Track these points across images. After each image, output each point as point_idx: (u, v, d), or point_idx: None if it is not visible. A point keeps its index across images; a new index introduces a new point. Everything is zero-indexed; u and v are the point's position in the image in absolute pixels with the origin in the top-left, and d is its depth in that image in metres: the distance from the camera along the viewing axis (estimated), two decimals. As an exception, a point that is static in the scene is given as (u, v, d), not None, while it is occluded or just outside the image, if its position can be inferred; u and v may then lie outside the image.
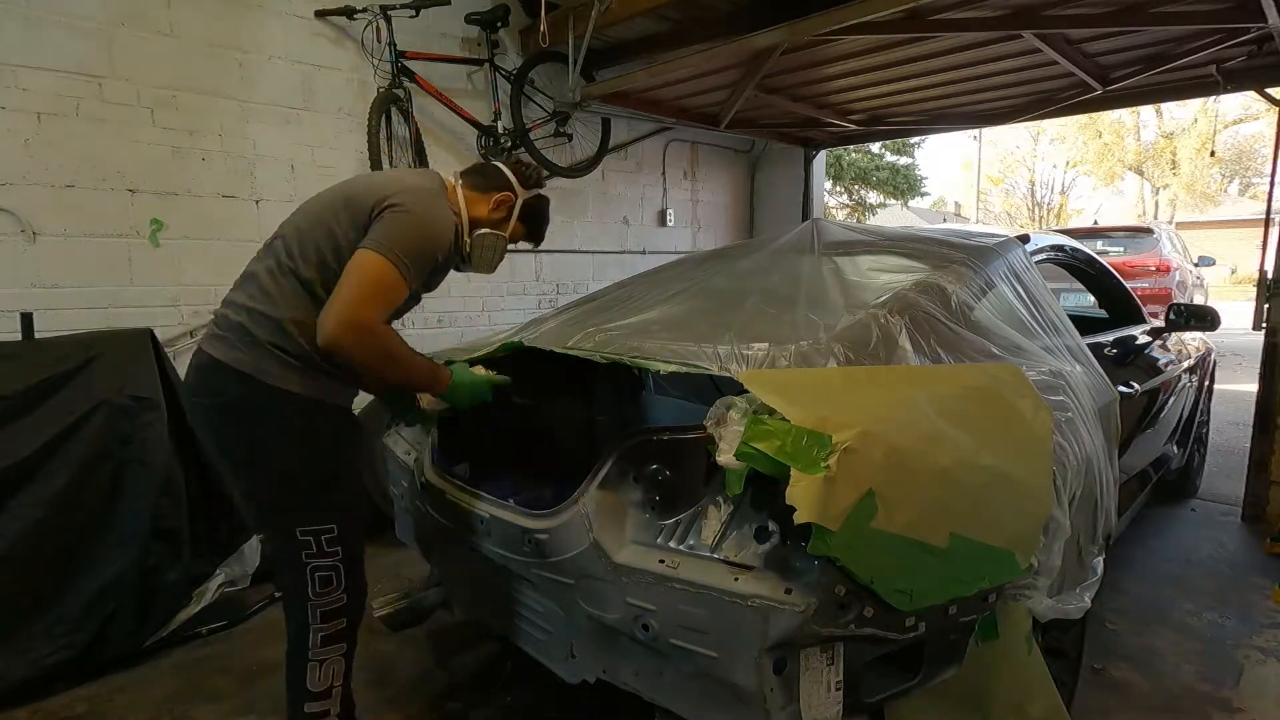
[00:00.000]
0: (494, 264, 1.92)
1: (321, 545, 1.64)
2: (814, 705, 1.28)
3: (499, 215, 1.86)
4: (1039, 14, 3.09)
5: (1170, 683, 2.30)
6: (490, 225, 1.85)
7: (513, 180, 1.88)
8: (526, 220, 1.93)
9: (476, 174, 1.90)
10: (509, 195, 1.86)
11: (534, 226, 1.98)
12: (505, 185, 1.87)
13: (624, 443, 1.51)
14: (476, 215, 1.84)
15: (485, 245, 1.86)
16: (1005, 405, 1.57)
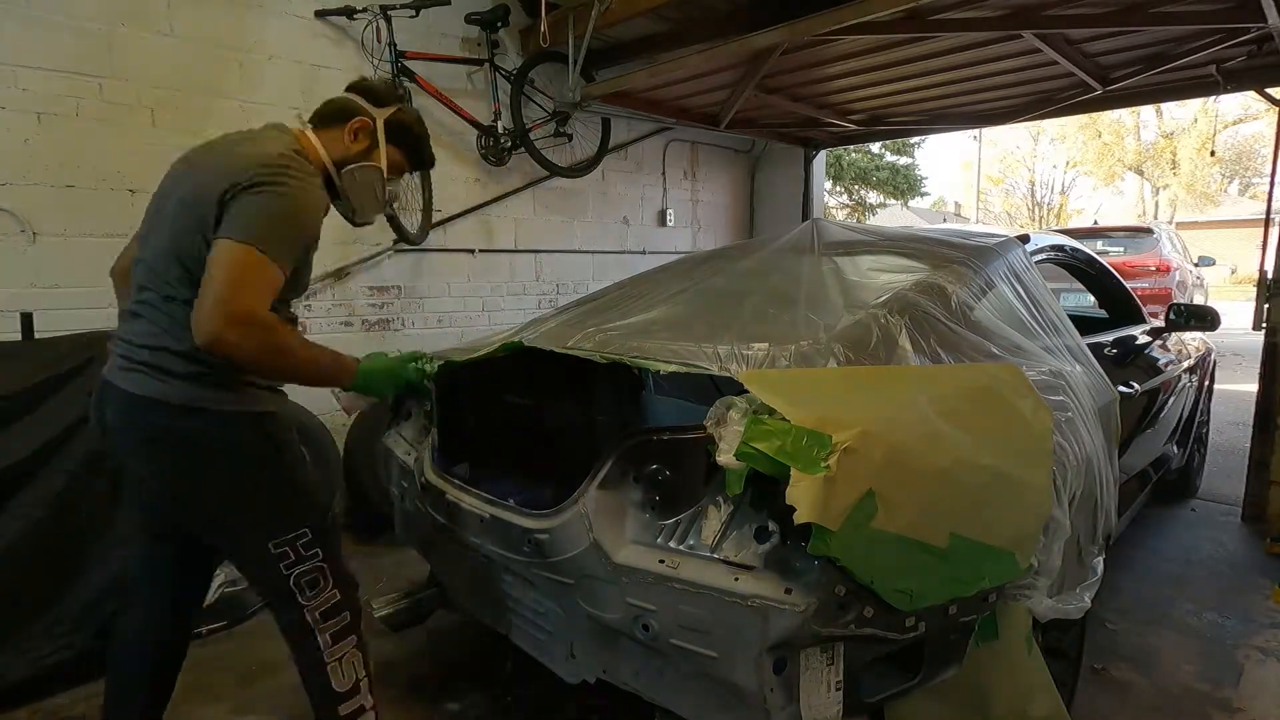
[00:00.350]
0: (379, 202, 1.75)
1: (299, 551, 1.59)
2: (814, 705, 1.28)
3: (362, 145, 1.68)
4: (1039, 14, 3.10)
5: (1170, 683, 2.30)
6: (356, 160, 1.68)
7: (363, 103, 1.70)
8: (398, 141, 1.73)
9: (323, 111, 1.72)
10: (364, 120, 1.68)
11: (410, 146, 1.77)
12: (357, 110, 1.69)
13: (624, 443, 1.51)
14: (339, 155, 1.67)
15: (357, 183, 1.69)
16: (1005, 405, 1.57)
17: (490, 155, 4.07)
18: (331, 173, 1.66)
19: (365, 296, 3.76)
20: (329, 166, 1.65)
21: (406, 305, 3.93)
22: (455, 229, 4.11)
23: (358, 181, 1.69)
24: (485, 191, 4.24)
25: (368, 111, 1.70)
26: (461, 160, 4.11)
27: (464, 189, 4.15)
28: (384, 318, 3.84)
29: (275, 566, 1.57)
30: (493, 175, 4.25)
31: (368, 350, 3.93)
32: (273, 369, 1.49)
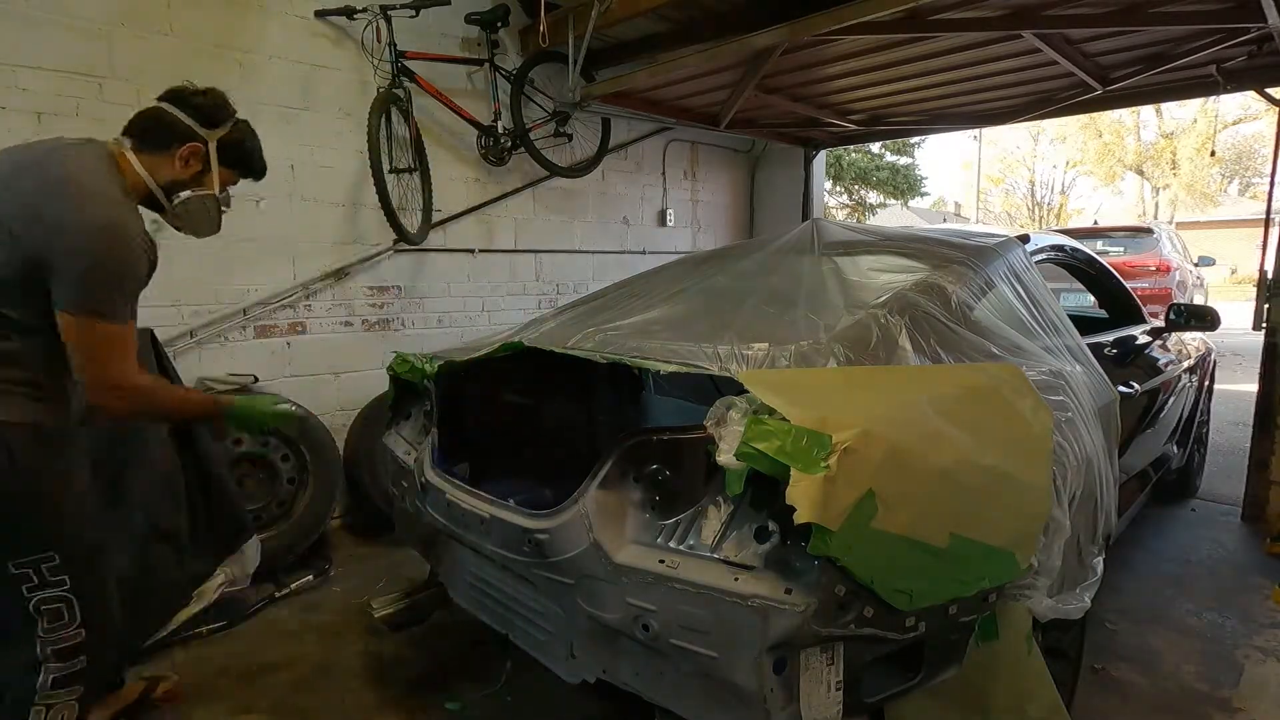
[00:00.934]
0: (215, 224, 1.73)
1: (43, 575, 1.49)
2: (814, 705, 1.28)
3: (194, 169, 1.64)
4: (1039, 14, 3.09)
5: (1170, 683, 2.30)
6: (190, 185, 1.63)
7: (193, 125, 1.63)
8: (231, 162, 1.71)
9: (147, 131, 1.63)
10: (196, 145, 1.63)
11: (245, 163, 1.75)
12: (187, 134, 1.63)
13: (624, 443, 1.51)
14: (166, 180, 1.61)
15: (193, 211, 1.66)
16: (1005, 405, 1.57)
17: (490, 155, 4.07)
18: (159, 197, 1.63)
19: (365, 296, 3.75)
20: (155, 191, 1.61)
21: (406, 305, 3.93)
22: (455, 229, 4.11)
23: (191, 210, 1.67)
24: (485, 191, 4.24)
25: (198, 135, 1.64)
26: (461, 160, 4.11)
27: (464, 189, 4.15)
28: (384, 318, 3.84)
29: (16, 588, 1.49)
30: (493, 175, 4.25)
31: (367, 350, 3.96)
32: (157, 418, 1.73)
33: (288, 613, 2.80)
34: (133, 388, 1.52)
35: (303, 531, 3.18)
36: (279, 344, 3.46)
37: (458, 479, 1.96)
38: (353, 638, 2.60)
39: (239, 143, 1.73)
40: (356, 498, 3.62)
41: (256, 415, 1.83)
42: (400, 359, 2.35)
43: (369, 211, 3.64)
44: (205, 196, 1.67)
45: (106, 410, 1.50)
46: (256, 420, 1.84)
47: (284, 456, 3.20)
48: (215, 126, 1.67)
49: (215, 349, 3.27)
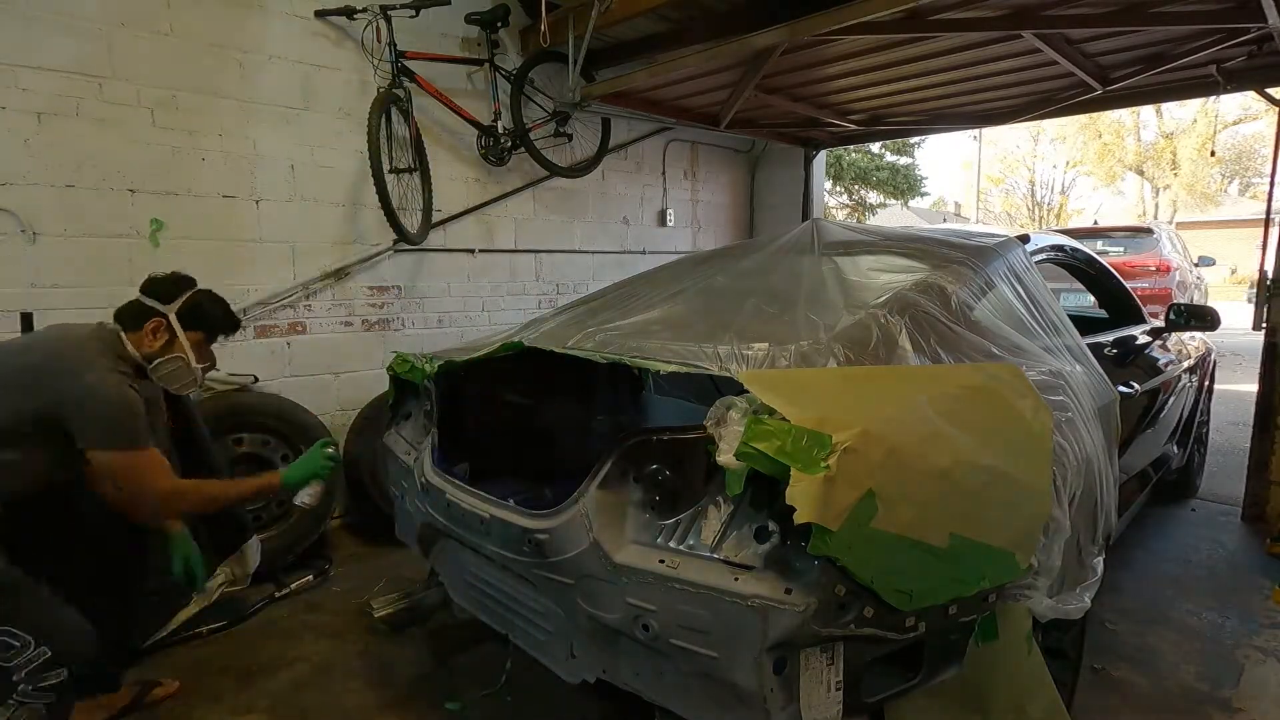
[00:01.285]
0: (192, 380, 2.04)
1: None
2: (814, 705, 1.28)
3: (162, 340, 1.97)
4: (1039, 14, 3.09)
5: (1170, 683, 2.30)
6: (161, 354, 1.96)
7: (153, 304, 1.98)
8: (197, 324, 2.03)
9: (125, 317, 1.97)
10: (159, 320, 1.97)
11: (210, 323, 2.07)
12: (149, 312, 1.97)
13: (624, 443, 1.51)
14: (146, 352, 1.95)
15: (166, 374, 1.98)
16: (1005, 405, 1.57)
17: (490, 155, 4.07)
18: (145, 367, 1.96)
19: (365, 296, 3.75)
20: (140, 362, 1.95)
21: (406, 305, 3.93)
22: (455, 229, 4.11)
23: (166, 373, 1.99)
24: (485, 191, 4.24)
25: (158, 310, 1.98)
26: (461, 160, 4.11)
27: (464, 189, 4.15)
28: (384, 317, 3.84)
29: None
30: (493, 175, 4.25)
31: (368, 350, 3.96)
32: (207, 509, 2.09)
33: (288, 613, 2.80)
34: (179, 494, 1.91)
35: (303, 531, 3.17)
36: (279, 344, 3.46)
37: (458, 479, 1.96)
38: (353, 638, 2.60)
39: (200, 306, 2.04)
40: (356, 498, 3.62)
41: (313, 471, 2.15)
42: (400, 359, 2.35)
43: (369, 211, 3.64)
44: (173, 359, 1.99)
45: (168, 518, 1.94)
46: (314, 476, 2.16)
47: (284, 456, 3.19)
48: (171, 301, 2.00)
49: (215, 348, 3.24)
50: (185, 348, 2.00)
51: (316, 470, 2.15)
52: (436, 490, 1.96)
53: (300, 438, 3.21)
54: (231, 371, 3.25)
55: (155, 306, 1.98)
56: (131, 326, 1.96)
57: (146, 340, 1.95)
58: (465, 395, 2.39)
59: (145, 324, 1.95)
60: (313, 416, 3.33)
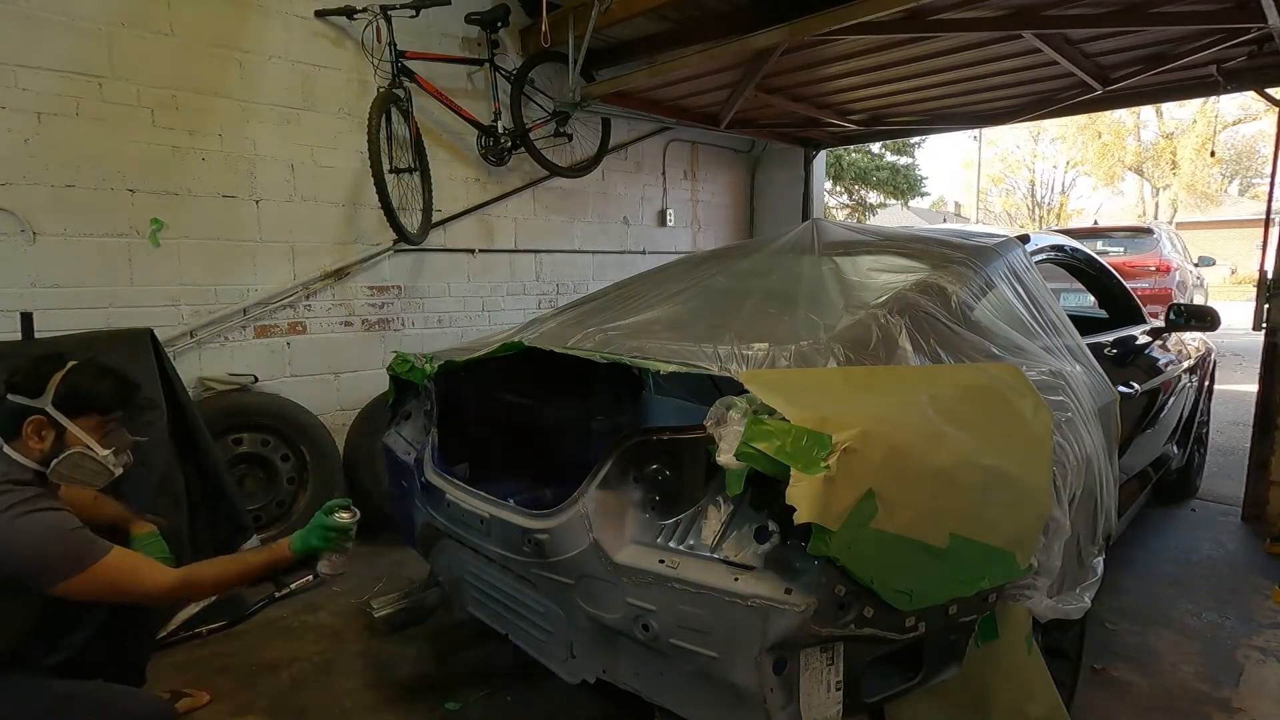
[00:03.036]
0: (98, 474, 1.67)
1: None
2: (814, 705, 1.28)
3: (50, 438, 1.60)
4: (1039, 14, 3.09)
5: (1170, 683, 2.30)
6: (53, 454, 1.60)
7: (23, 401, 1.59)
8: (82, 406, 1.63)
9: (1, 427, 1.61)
10: (38, 418, 1.59)
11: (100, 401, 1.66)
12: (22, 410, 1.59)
13: (624, 443, 1.51)
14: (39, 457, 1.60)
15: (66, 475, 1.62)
16: (1005, 405, 1.57)
17: (490, 155, 4.07)
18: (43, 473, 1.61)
19: (365, 296, 3.75)
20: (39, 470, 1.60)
21: (406, 305, 3.93)
22: (455, 229, 4.11)
23: (65, 474, 1.62)
24: (485, 191, 4.24)
25: (31, 407, 1.60)
26: (461, 160, 4.11)
27: (464, 189, 4.15)
28: (384, 317, 3.84)
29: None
30: (493, 175, 4.25)
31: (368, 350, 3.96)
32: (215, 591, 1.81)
33: (288, 613, 2.80)
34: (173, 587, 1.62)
35: (303, 531, 3.17)
36: (279, 344, 3.46)
37: (458, 479, 1.96)
38: (353, 638, 2.60)
39: (74, 391, 1.64)
40: (356, 498, 3.61)
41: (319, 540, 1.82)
42: (400, 359, 2.35)
43: (369, 211, 3.64)
44: (71, 456, 1.62)
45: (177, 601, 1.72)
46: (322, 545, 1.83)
47: (284, 456, 3.20)
48: (40, 392, 1.61)
49: (215, 349, 3.27)
50: (81, 438, 1.62)
51: (315, 544, 1.82)
52: (436, 490, 1.96)
53: (300, 438, 3.22)
54: (231, 372, 3.25)
55: (24, 403, 1.59)
56: (10, 433, 1.60)
57: (32, 444, 1.58)
58: (465, 395, 2.39)
59: (23, 426, 1.58)
60: (313, 416, 3.33)
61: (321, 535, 1.81)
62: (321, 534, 1.81)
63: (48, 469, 1.61)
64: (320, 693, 2.27)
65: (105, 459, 1.66)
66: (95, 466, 1.66)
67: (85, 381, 1.66)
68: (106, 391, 1.69)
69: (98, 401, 1.67)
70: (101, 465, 1.66)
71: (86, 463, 1.64)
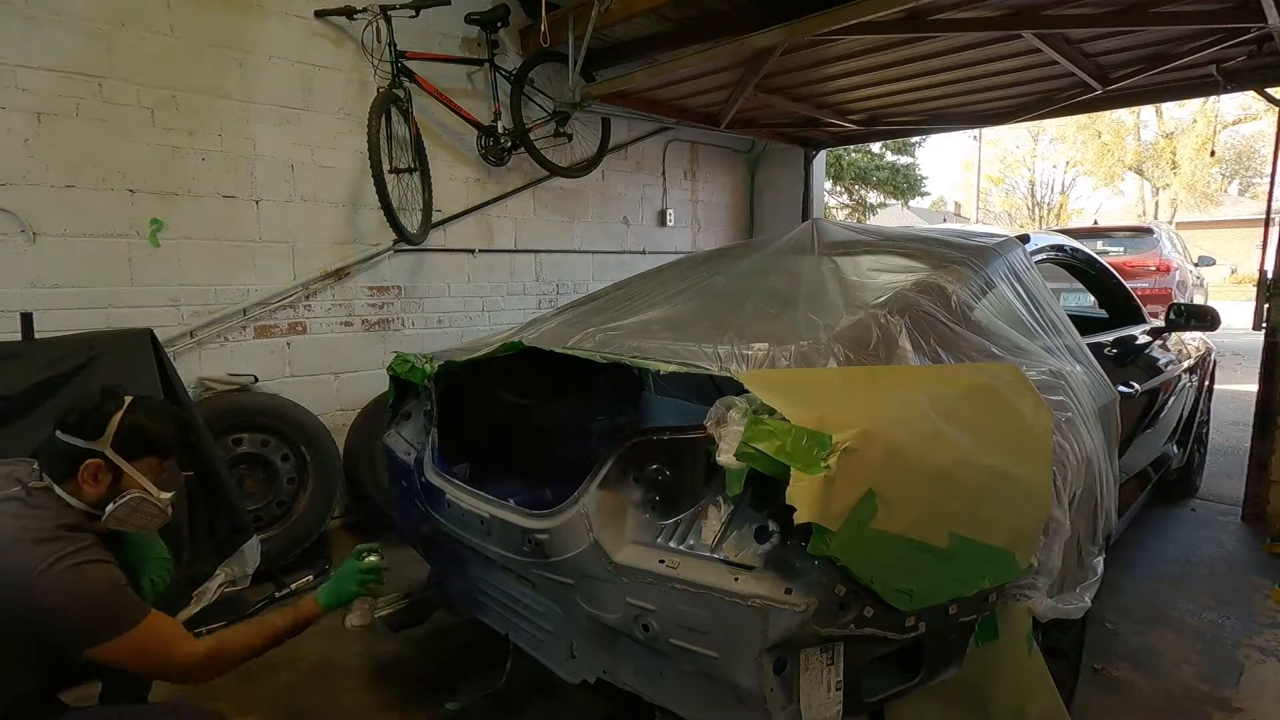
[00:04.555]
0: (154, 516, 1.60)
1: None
2: (814, 705, 1.28)
3: (107, 481, 1.53)
4: (1039, 14, 3.09)
5: (1170, 683, 2.30)
6: (110, 497, 1.53)
7: (80, 443, 1.52)
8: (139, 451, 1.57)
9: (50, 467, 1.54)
10: (96, 461, 1.52)
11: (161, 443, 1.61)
12: (82, 454, 1.52)
13: (624, 443, 1.51)
14: (92, 500, 1.52)
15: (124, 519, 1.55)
16: (1005, 405, 1.57)
17: (490, 155, 4.07)
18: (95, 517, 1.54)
19: (365, 296, 3.75)
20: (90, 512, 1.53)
21: (406, 305, 3.93)
22: (455, 229, 4.11)
23: (122, 518, 1.55)
24: (485, 191, 4.24)
25: (93, 448, 1.53)
26: (461, 160, 4.11)
27: (464, 189, 4.15)
28: (384, 318, 3.84)
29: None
30: (493, 175, 4.25)
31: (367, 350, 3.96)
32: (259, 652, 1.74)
33: (288, 613, 2.80)
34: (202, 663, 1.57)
35: (303, 531, 3.18)
36: (279, 344, 3.46)
37: (458, 479, 1.96)
38: (353, 638, 2.60)
39: (136, 432, 1.57)
40: (356, 498, 3.62)
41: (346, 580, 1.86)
42: (400, 359, 2.35)
43: (369, 211, 3.64)
44: (129, 500, 1.55)
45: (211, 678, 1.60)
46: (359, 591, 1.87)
47: (284, 456, 3.20)
48: (99, 435, 1.54)
49: (215, 349, 3.27)
50: (139, 480, 1.56)
51: (352, 590, 1.82)
52: (436, 490, 1.96)
53: (300, 438, 3.22)
54: (231, 372, 3.25)
55: (82, 446, 1.52)
56: (63, 475, 1.52)
57: (87, 487, 1.51)
58: (465, 395, 2.39)
59: (79, 469, 1.51)
60: (312, 416, 3.33)
61: (357, 580, 1.83)
62: (357, 579, 1.83)
63: (102, 512, 1.53)
64: (320, 693, 2.27)
65: (163, 501, 1.60)
66: (153, 510, 1.59)
67: (146, 423, 1.60)
68: (168, 434, 1.64)
69: (159, 445, 1.62)
70: (159, 508, 1.60)
71: (145, 506, 1.57)
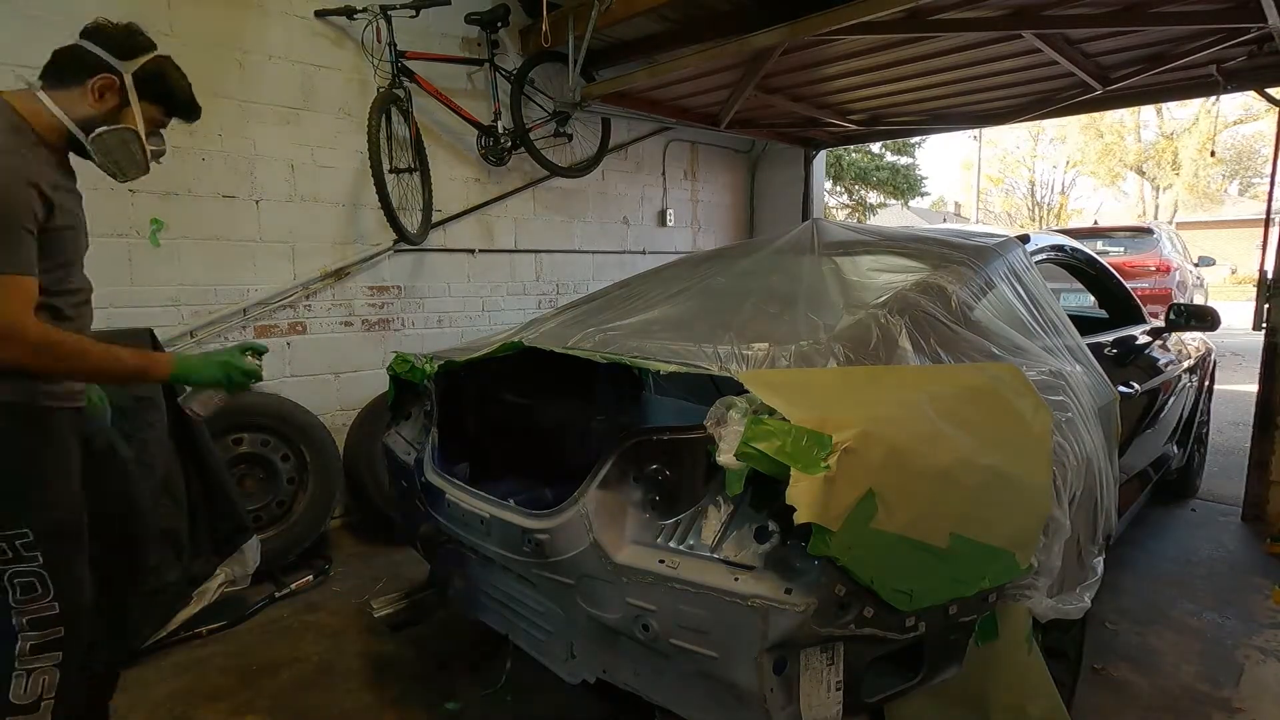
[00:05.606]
0: (137, 163, 1.63)
1: (17, 550, 1.51)
2: (814, 705, 1.28)
3: (111, 105, 1.55)
4: (1039, 14, 3.09)
5: (1170, 683, 2.30)
6: (106, 120, 1.54)
7: (104, 56, 1.53)
8: (154, 96, 1.61)
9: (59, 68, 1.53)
10: (109, 77, 1.53)
11: (168, 98, 1.63)
12: (98, 66, 1.53)
13: (624, 443, 1.51)
14: (82, 116, 1.53)
15: (110, 148, 1.57)
16: (1005, 405, 1.57)
17: (490, 155, 4.07)
18: (77, 135, 1.55)
19: (365, 296, 3.76)
20: (70, 128, 1.53)
21: (406, 305, 3.93)
22: (455, 229, 4.11)
23: (109, 145, 1.57)
24: (485, 191, 4.24)
25: (111, 66, 1.54)
26: (462, 160, 4.11)
27: (464, 189, 4.15)
28: (384, 317, 3.84)
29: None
30: (493, 175, 4.25)
31: (367, 350, 3.95)
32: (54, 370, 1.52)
33: (288, 613, 2.80)
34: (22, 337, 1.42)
35: (303, 531, 3.18)
36: (279, 344, 3.46)
37: (458, 479, 1.96)
38: (353, 638, 2.60)
39: (158, 75, 1.61)
40: (356, 498, 3.62)
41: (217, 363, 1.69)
42: (400, 359, 2.35)
43: (369, 211, 3.64)
44: (123, 130, 1.57)
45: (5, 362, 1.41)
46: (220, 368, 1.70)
47: (284, 456, 3.20)
48: (129, 58, 1.57)
49: (215, 349, 3.26)
50: (137, 119, 1.57)
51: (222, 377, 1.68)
52: (436, 490, 1.96)
53: (300, 438, 3.22)
54: (231, 371, 3.25)
55: (107, 59, 1.53)
56: (63, 83, 1.51)
57: (88, 100, 1.51)
58: (465, 395, 2.39)
59: (89, 80, 1.51)
60: (312, 416, 3.33)
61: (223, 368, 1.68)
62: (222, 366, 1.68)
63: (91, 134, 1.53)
64: (320, 693, 2.27)
65: (149, 150, 1.63)
66: (137, 154, 1.60)
67: (171, 72, 1.65)
68: (183, 91, 1.67)
69: (174, 96, 1.64)
70: (138, 155, 1.61)
71: (133, 145, 1.59)
